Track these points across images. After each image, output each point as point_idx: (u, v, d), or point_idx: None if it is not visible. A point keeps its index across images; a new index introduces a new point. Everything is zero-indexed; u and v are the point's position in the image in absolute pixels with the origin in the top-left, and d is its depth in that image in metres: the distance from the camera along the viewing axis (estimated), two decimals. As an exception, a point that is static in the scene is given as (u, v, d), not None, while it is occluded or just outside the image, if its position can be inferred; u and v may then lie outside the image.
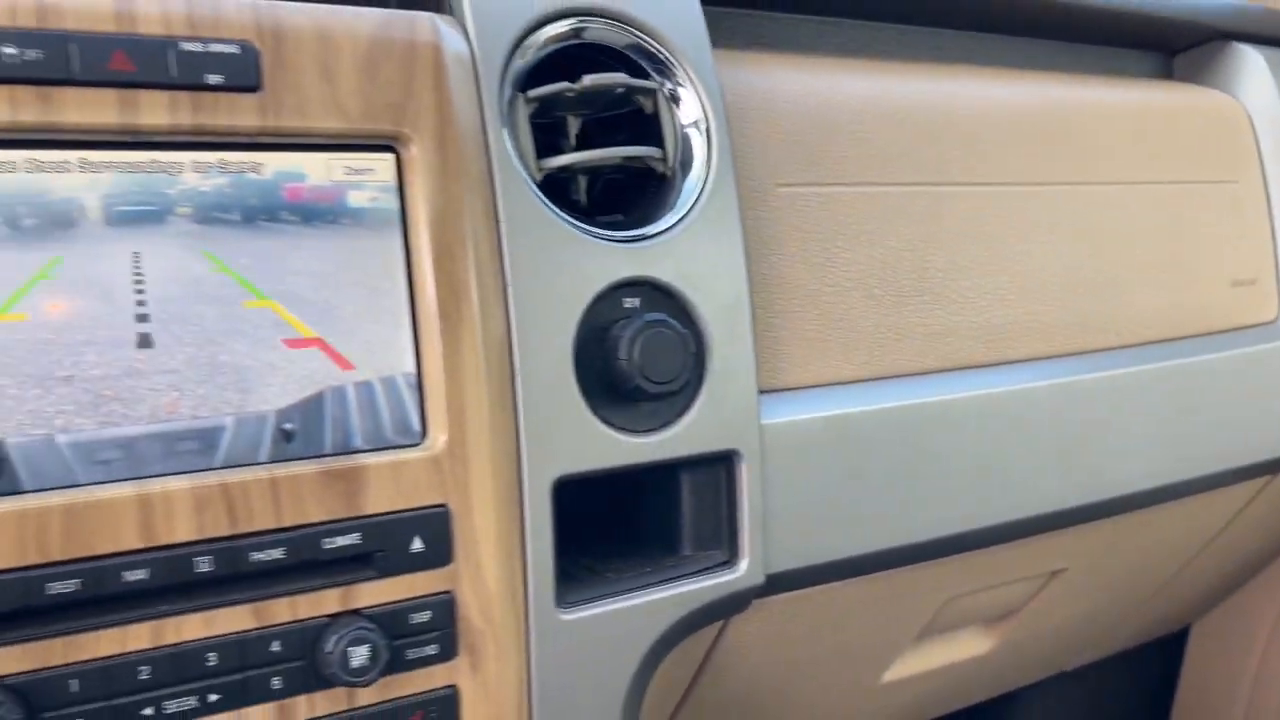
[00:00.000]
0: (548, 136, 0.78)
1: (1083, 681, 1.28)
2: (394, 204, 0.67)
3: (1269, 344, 0.91)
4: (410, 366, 0.68)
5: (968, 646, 1.07)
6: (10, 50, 0.56)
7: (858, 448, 0.81)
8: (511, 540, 0.68)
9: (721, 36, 0.84)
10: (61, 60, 0.57)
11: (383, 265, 0.67)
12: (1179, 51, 1.03)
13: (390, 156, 0.67)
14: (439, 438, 0.67)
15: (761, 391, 0.77)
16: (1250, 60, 0.96)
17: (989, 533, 0.87)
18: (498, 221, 0.70)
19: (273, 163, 0.64)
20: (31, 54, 0.56)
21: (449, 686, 0.67)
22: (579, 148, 0.79)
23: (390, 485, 0.65)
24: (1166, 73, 1.06)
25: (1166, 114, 0.93)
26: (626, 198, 0.81)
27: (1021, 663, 1.16)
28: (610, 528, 0.80)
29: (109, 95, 0.59)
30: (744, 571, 0.76)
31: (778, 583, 0.79)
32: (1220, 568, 1.14)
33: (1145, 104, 0.92)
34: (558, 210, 0.74)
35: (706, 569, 0.77)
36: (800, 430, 0.79)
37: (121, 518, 0.58)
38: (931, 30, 1.00)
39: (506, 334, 0.70)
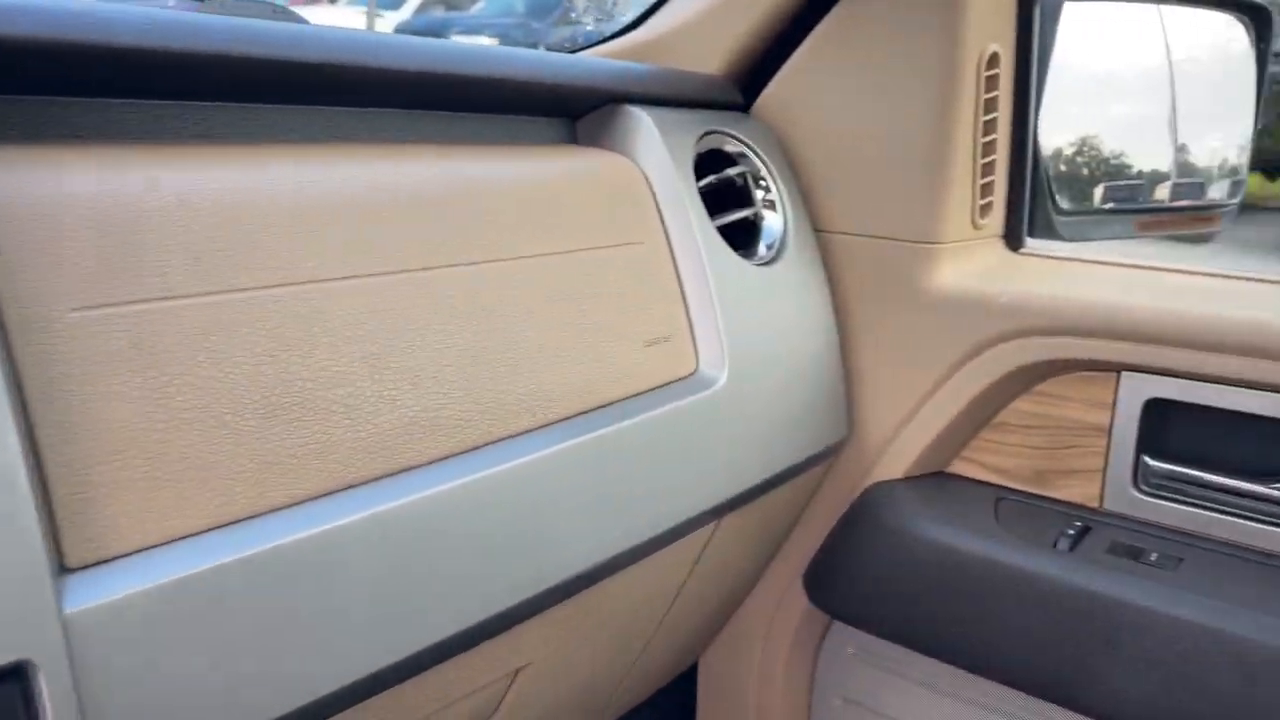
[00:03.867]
0: None
1: None
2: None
3: (693, 396, 0.88)
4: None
5: None
6: None
7: (216, 612, 0.60)
8: None
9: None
10: None
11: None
12: (580, 115, 0.99)
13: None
14: None
15: (68, 570, 0.56)
16: (641, 122, 0.95)
17: (405, 665, 0.70)
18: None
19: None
20: None
21: None
22: None
23: None
24: (571, 137, 1.00)
25: (568, 181, 0.87)
26: None
27: None
28: None
29: None
30: None
31: None
32: (700, 609, 1.11)
33: (546, 173, 0.86)
34: None
35: None
36: (127, 610, 0.57)
37: None
38: (286, 109, 0.79)
39: None
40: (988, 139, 1.04)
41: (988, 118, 1.03)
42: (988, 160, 1.05)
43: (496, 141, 0.92)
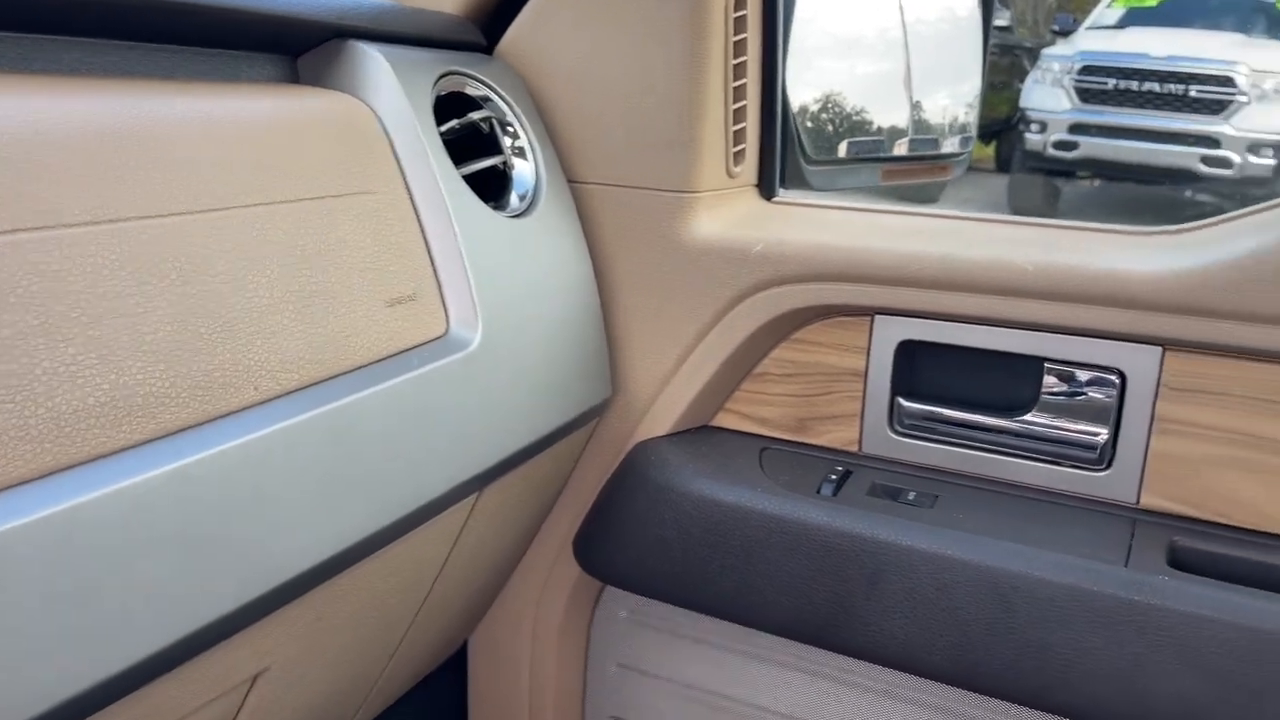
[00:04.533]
0: None
1: None
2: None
3: (444, 359, 0.80)
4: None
5: None
6: None
7: None
8: None
9: None
10: None
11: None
12: (301, 53, 0.88)
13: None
14: None
15: None
16: (370, 59, 0.85)
17: (103, 688, 0.57)
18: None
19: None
20: None
21: None
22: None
23: None
24: (292, 76, 0.88)
25: (287, 124, 0.77)
26: None
27: None
28: None
29: None
30: None
31: None
32: (465, 589, 1.05)
33: (259, 112, 0.75)
34: None
35: None
36: None
37: None
38: None
39: None
40: (738, 84, 1.02)
41: (737, 62, 1.01)
42: (739, 106, 1.03)
43: (202, 79, 0.80)
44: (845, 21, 1.37)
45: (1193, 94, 8.20)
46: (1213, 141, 8.04)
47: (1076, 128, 8.43)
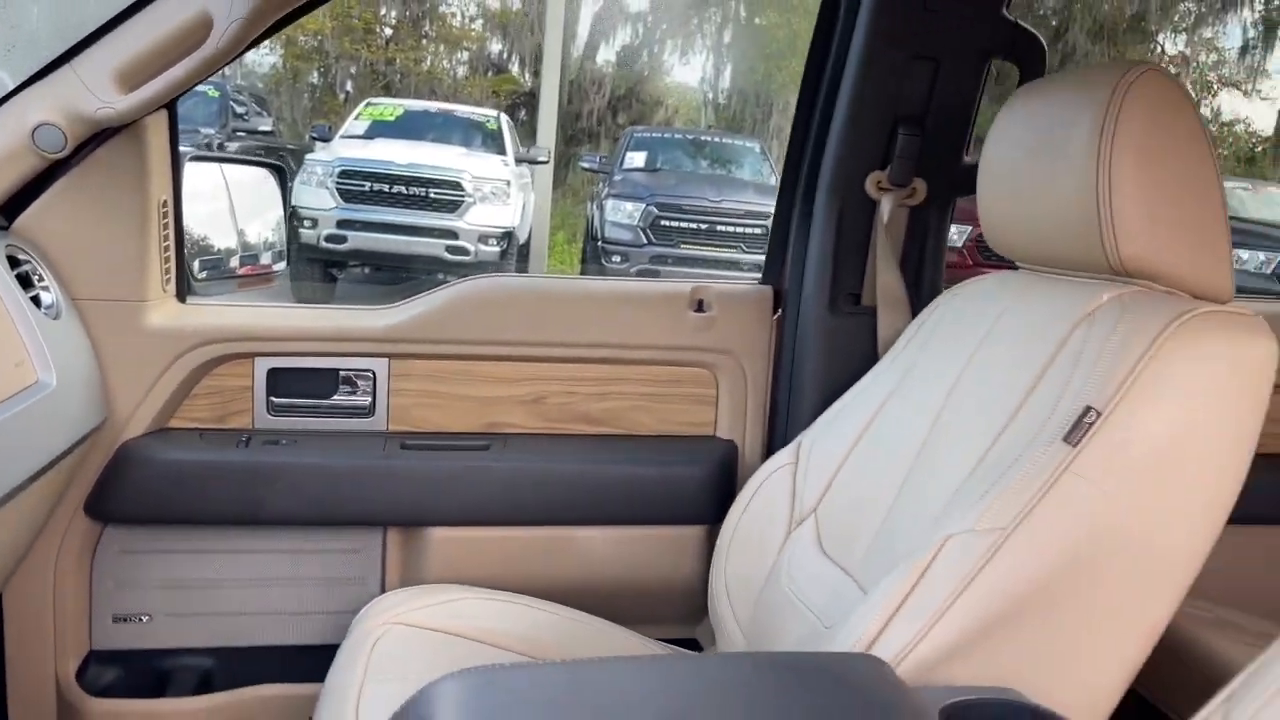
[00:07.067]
0: None
1: None
2: None
3: (40, 394, 1.52)
4: None
5: None
6: None
7: None
8: None
9: None
10: None
11: None
12: None
13: None
14: None
15: None
16: None
17: None
18: None
19: None
20: None
21: None
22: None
23: None
24: None
25: None
26: None
27: None
28: None
29: None
30: None
31: None
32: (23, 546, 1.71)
33: None
34: None
35: None
36: None
37: None
38: None
39: None
40: (166, 244, 1.92)
41: (164, 229, 1.92)
42: (167, 253, 1.93)
43: None
44: (199, 192, 2.31)
45: (433, 195, 9.87)
46: (452, 234, 9.81)
47: (343, 223, 9.60)
